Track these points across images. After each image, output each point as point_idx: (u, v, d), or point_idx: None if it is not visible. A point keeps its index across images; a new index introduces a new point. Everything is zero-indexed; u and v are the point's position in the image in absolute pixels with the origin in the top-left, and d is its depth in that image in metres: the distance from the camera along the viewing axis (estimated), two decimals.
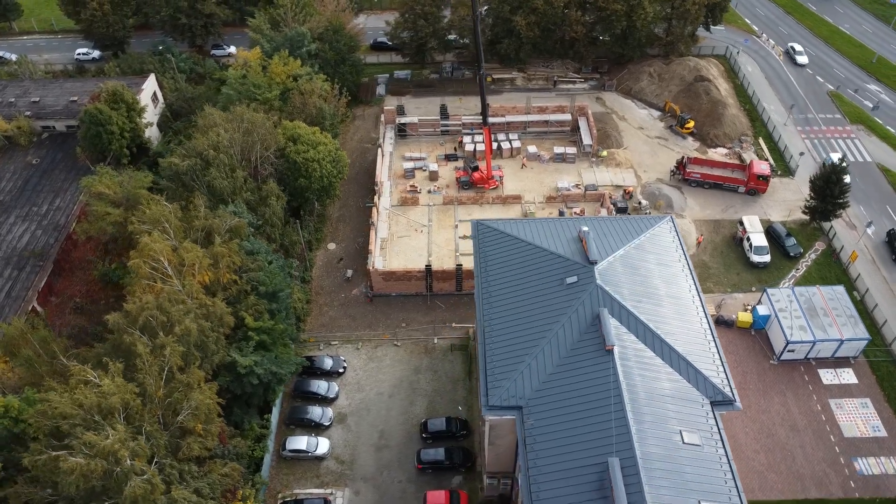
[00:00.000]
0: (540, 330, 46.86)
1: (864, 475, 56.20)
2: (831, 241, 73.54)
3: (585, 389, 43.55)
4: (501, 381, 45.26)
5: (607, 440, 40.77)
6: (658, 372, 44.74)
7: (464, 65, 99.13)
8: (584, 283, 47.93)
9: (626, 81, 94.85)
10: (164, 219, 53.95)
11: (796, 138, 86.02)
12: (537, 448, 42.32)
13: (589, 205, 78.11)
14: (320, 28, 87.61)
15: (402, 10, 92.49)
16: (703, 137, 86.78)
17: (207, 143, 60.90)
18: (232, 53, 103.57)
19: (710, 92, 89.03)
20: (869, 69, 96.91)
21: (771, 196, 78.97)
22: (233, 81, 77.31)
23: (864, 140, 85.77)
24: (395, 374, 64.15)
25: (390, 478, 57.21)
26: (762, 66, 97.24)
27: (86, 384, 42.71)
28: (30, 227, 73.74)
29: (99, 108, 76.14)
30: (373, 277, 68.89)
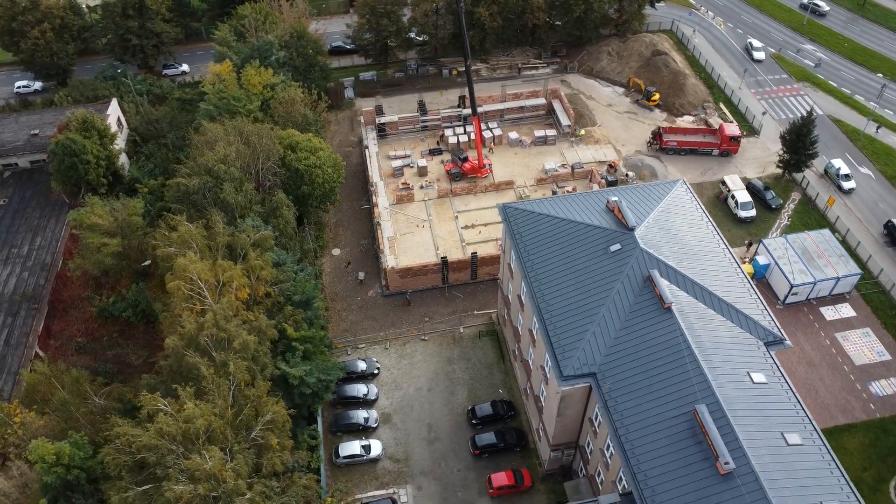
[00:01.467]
0: (596, 298, 48.51)
1: (880, 396, 61.03)
2: (805, 190, 79.03)
3: (654, 346, 45.52)
4: (571, 352, 46.61)
5: (688, 390, 42.84)
6: (713, 321, 47.29)
7: (427, 61, 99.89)
8: (628, 249, 49.92)
9: (586, 62, 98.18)
10: (192, 239, 52.26)
11: (752, 100, 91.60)
12: (621, 408, 43.96)
13: (578, 182, 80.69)
14: (285, 36, 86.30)
15: (362, 11, 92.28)
16: (668, 108, 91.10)
17: (215, 158, 59.22)
18: (185, 71, 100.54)
19: (668, 64, 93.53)
20: (801, 31, 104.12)
21: (742, 155, 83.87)
22: (211, 97, 75.19)
23: (812, 96, 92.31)
24: (429, 368, 64.44)
25: (448, 468, 57.60)
26: (707, 37, 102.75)
27: (158, 413, 41.12)
28: (14, 269, 69.54)
29: (71, 137, 72.56)
30: (389, 276, 68.84)
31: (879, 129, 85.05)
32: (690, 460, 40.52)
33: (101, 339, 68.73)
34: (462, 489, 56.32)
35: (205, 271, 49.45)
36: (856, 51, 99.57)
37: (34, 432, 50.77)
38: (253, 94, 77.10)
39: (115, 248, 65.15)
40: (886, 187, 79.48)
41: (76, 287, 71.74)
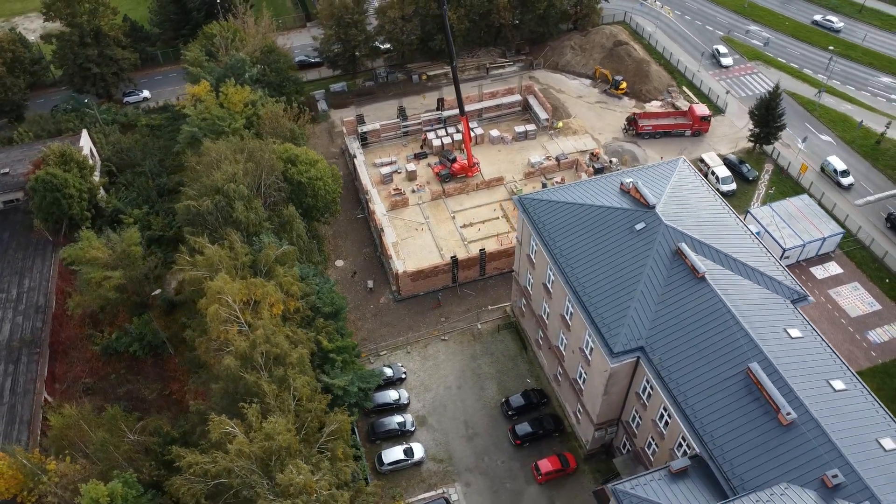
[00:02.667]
0: (631, 276, 50.19)
1: (878, 343, 65.23)
2: (777, 161, 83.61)
3: (695, 315, 47.49)
4: (617, 329, 48.09)
5: (737, 351, 44.93)
6: (743, 286, 49.69)
7: (395, 68, 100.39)
8: (652, 226, 51.85)
9: (551, 58, 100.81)
10: (220, 261, 51.16)
11: (712, 81, 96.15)
12: (675, 377, 45.69)
13: (565, 173, 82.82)
14: (256, 52, 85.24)
15: (328, 23, 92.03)
16: (636, 95, 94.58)
17: (224, 177, 58.08)
18: (147, 98, 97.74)
19: (631, 53, 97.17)
20: (744, 13, 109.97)
21: (712, 134, 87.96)
22: (194, 118, 73.52)
23: (765, 73, 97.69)
24: (454, 367, 64.88)
25: (492, 461, 58.19)
26: (659, 25, 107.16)
27: (228, 436, 40.17)
28: (6, 315, 66.16)
29: (51, 172, 69.68)
30: (401, 280, 68.93)
31: (821, 94, 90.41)
32: (752, 416, 42.55)
33: (109, 377, 66.15)
34: (509, 480, 57.03)
35: (240, 291, 48.51)
36: (797, 28, 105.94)
37: (71, 478, 48.58)
38: (235, 113, 75.85)
39: (118, 281, 63.04)
40: (847, 150, 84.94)
41: (73, 327, 68.76)
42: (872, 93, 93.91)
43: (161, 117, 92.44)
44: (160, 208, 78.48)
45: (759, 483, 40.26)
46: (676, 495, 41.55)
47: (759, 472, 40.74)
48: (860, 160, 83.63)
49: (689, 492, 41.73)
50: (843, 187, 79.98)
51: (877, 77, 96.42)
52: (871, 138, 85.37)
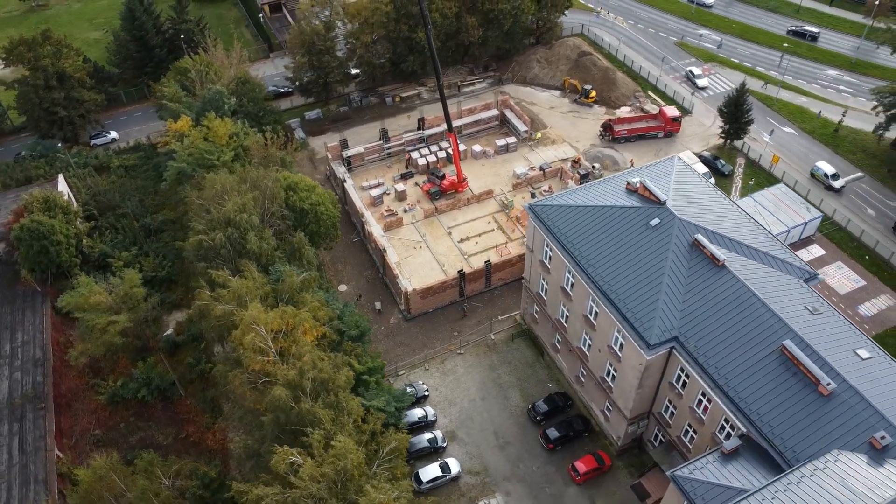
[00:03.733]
0: (654, 270, 51.82)
1: (870, 316, 68.99)
2: (747, 154, 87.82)
3: (721, 300, 49.38)
4: (650, 322, 49.49)
5: (768, 331, 46.92)
6: (759, 269, 51.99)
7: (367, 92, 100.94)
8: (667, 221, 53.79)
9: (519, 72, 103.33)
10: (246, 292, 50.25)
11: (674, 84, 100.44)
12: (713, 362, 47.30)
13: (551, 181, 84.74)
14: (231, 83, 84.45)
15: (300, 51, 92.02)
16: (606, 102, 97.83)
17: (234, 208, 57.17)
18: (115, 139, 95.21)
19: (596, 63, 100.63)
20: (692, 18, 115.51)
21: (683, 133, 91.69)
22: (181, 153, 72.07)
23: (722, 73, 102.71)
24: (475, 379, 65.13)
25: (527, 468, 58.53)
26: (616, 35, 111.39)
27: (293, 465, 39.35)
28: (2, 372, 62.80)
29: (37, 220, 67.27)
30: (411, 299, 68.95)
31: (766, 86, 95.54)
32: (793, 391, 44.43)
33: (118, 426, 63.71)
34: (548, 484, 57.45)
35: (274, 320, 47.76)
36: (744, 30, 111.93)
37: None
38: (222, 145, 74.80)
39: (123, 325, 61.03)
40: (809, 140, 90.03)
41: (72, 378, 65.97)
42: (822, 85, 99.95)
43: (134, 157, 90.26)
44: (149, 249, 76.49)
45: (811, 453, 42.00)
46: (734, 474, 42.88)
47: (809, 442, 42.52)
48: (823, 148, 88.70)
49: (745, 469, 43.13)
50: (835, 190, 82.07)
51: (824, 70, 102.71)
52: (830, 127, 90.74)
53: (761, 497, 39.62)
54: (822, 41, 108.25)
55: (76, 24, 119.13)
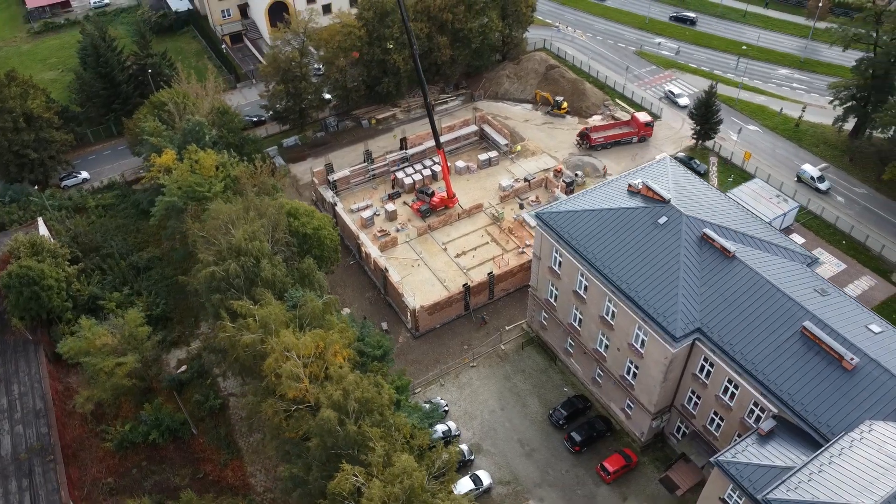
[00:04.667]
0: (669, 266, 53.52)
1: (854, 297, 72.01)
2: (719, 153, 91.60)
3: (737, 290, 51.43)
4: (673, 316, 51.00)
5: (786, 314, 49.13)
6: (766, 257, 54.34)
7: (342, 115, 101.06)
8: (674, 219, 55.73)
9: (490, 88, 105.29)
10: (273, 320, 49.51)
11: (640, 91, 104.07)
12: (738, 348, 49.06)
13: (537, 191, 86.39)
14: (210, 114, 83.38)
15: (275, 78, 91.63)
16: (577, 112, 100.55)
17: (244, 236, 56.31)
18: (86, 179, 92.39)
19: (564, 75, 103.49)
20: (646, 28, 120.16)
21: (656, 137, 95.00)
22: (171, 187, 70.55)
23: (683, 78, 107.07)
24: (491, 390, 65.46)
25: (557, 472, 59.05)
26: (578, 48, 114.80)
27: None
28: (3, 427, 59.73)
29: (26, 265, 64.74)
30: (419, 316, 68.98)
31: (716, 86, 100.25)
32: (818, 368, 46.49)
33: (130, 473, 61.47)
34: (578, 486, 58.08)
35: (306, 345, 47.20)
36: (696, 36, 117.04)
37: None
38: (211, 177, 73.68)
39: (131, 366, 59.21)
40: (774, 135, 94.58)
41: (76, 427, 63.33)
42: (777, 84, 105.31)
43: (110, 196, 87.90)
44: (140, 287, 74.40)
45: (844, 426, 43.96)
46: (774, 454, 44.43)
47: (841, 416, 44.50)
48: (786, 143, 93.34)
49: (784, 448, 44.75)
50: (821, 192, 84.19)
51: (776, 70, 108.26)
52: (791, 123, 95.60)
53: (808, 472, 41.23)
54: (767, 41, 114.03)
55: (28, 65, 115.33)
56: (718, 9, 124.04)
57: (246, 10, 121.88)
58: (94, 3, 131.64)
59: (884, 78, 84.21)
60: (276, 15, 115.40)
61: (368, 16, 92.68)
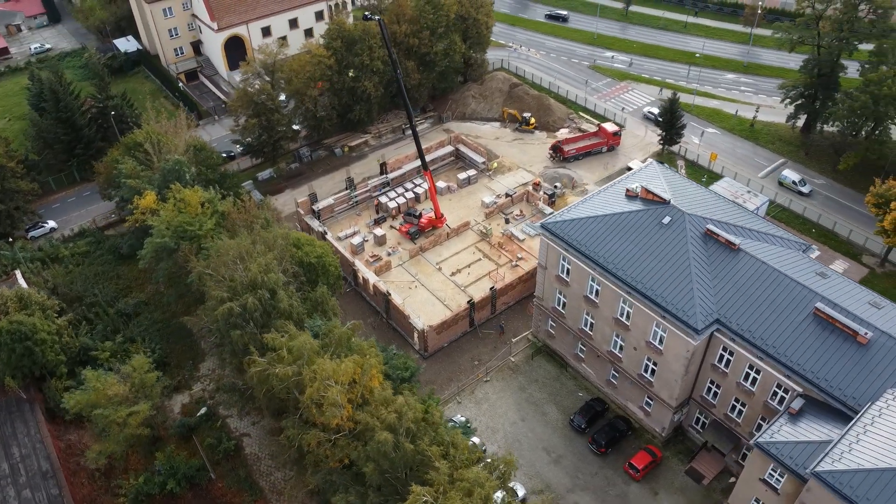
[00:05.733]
0: (680, 262, 55.74)
1: None
2: (685, 156, 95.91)
3: (747, 279, 54.04)
4: (692, 311, 53.01)
5: (797, 298, 51.97)
6: (766, 247, 57.27)
7: (314, 145, 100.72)
8: (677, 218, 58.20)
9: (457, 109, 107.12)
10: (306, 349, 48.84)
11: (600, 103, 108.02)
12: (758, 334, 51.42)
13: (520, 205, 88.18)
14: (188, 152, 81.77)
15: (246, 112, 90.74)
16: (545, 127, 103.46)
17: (258, 269, 55.41)
18: (54, 228, 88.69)
19: (528, 92, 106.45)
20: (595, 43, 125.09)
21: (623, 146, 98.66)
22: (161, 228, 68.67)
23: (637, 89, 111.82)
24: (509, 402, 66.03)
25: (587, 475, 59.95)
26: (535, 66, 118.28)
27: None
28: (7, 494, 56.31)
29: (17, 320, 61.73)
30: (429, 337, 69.08)
31: (662, 91, 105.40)
32: (835, 345, 49.25)
33: None
34: (610, 487, 59.10)
35: (347, 371, 46.78)
36: (644, 48, 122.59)
37: None
38: (199, 214, 72.21)
39: (145, 414, 57.04)
40: (732, 136, 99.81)
41: (84, 485, 60.23)
42: (727, 88, 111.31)
43: (83, 243, 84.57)
44: (133, 334, 71.77)
45: (869, 396, 46.65)
46: (807, 430, 46.66)
47: (864, 387, 47.20)
48: (744, 142, 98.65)
49: (815, 424, 47.05)
50: (804, 195, 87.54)
51: (724, 75, 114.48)
52: (746, 123, 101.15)
53: (847, 443, 43.52)
54: (712, 49, 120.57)
55: None
56: (660, 21, 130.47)
57: (199, 47, 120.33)
58: (34, 49, 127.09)
59: (829, 76, 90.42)
60: (232, 51, 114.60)
61: (337, 45, 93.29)
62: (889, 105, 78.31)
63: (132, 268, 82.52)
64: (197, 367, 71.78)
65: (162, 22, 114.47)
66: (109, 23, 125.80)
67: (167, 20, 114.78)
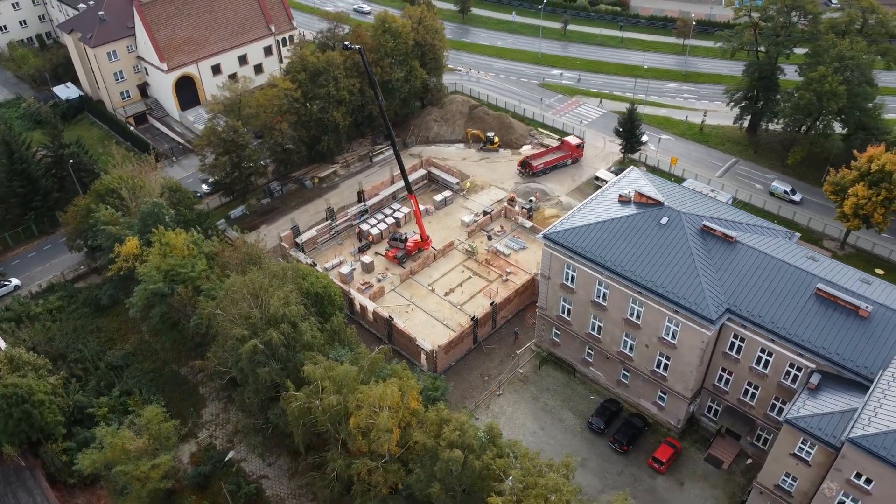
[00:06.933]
0: (683, 258, 58.58)
1: None
2: (646, 163, 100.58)
3: (748, 268, 57.31)
4: (703, 303, 55.71)
5: (798, 281, 55.48)
6: (759, 238, 60.88)
7: (283, 179, 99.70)
8: (673, 218, 61.25)
9: (420, 134, 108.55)
10: (346, 378, 48.41)
11: (556, 118, 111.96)
12: (768, 318, 54.51)
13: (499, 221, 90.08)
14: (164, 193, 79.62)
15: (216, 150, 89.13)
16: (508, 145, 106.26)
17: (278, 303, 54.50)
18: (18, 286, 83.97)
19: (488, 112, 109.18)
20: (540, 62, 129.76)
21: (586, 157, 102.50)
22: (152, 274, 66.43)
23: (588, 103, 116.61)
24: (525, 413, 66.97)
25: (614, 474, 61.44)
26: (487, 88, 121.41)
27: None
28: None
29: (12, 382, 58.37)
30: (437, 357, 69.32)
31: (602, 102, 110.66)
32: (839, 321, 52.83)
33: None
34: (638, 483, 60.77)
35: (392, 396, 46.69)
36: (588, 64, 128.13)
37: None
38: (188, 256, 70.34)
39: (167, 466, 54.85)
40: (685, 141, 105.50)
41: None
42: (671, 97, 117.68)
43: (55, 298, 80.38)
44: (129, 386, 68.71)
45: (879, 364, 50.25)
46: (830, 402, 49.72)
47: (873, 356, 50.78)
48: (697, 145, 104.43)
49: (835, 395, 50.22)
50: (796, 203, 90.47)
51: (665, 85, 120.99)
52: (695, 128, 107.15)
53: (872, 408, 46.74)
54: (651, 61, 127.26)
55: None
56: (598, 38, 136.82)
57: (146, 89, 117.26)
58: None
59: (769, 78, 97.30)
60: (182, 91, 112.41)
61: (301, 77, 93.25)
62: (831, 101, 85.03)
63: (111, 319, 79.33)
64: (199, 413, 69.32)
65: (107, 66, 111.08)
66: (46, 70, 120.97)
67: (112, 64, 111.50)
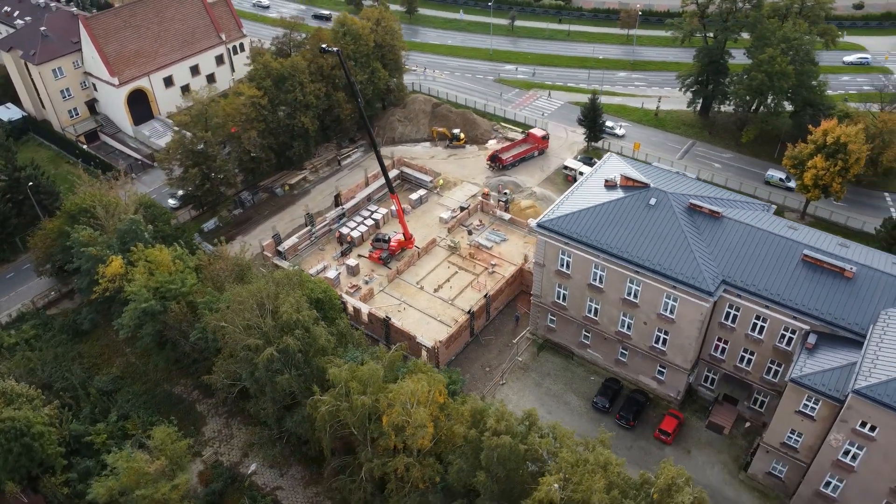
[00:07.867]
0: (675, 236, 61.15)
1: None
2: (609, 150, 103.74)
3: (736, 241, 60.39)
4: (700, 276, 58.36)
5: (784, 249, 58.80)
6: (742, 212, 64.07)
7: (254, 188, 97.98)
8: (661, 198, 63.83)
9: (385, 135, 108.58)
10: (372, 378, 48.50)
11: (518, 112, 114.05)
12: (762, 285, 57.56)
13: (477, 216, 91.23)
14: (140, 210, 77.25)
15: (184, 162, 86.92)
16: (474, 140, 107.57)
17: (290, 309, 53.92)
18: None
19: (451, 110, 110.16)
20: (492, 58, 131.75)
21: (552, 148, 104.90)
22: (142, 292, 64.52)
23: (544, 95, 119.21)
24: (531, 399, 68.32)
25: (624, 449, 63.39)
26: (445, 86, 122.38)
27: None
28: None
29: (9, 416, 55.77)
30: (439, 352, 69.88)
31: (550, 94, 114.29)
32: (827, 283, 56.31)
33: None
34: (648, 455, 63.01)
35: (423, 391, 47.14)
36: (540, 58, 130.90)
37: None
38: (176, 272, 68.65)
39: (186, 486, 53.60)
40: (643, 127, 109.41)
41: None
42: (623, 85, 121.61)
43: (28, 327, 76.77)
44: (125, 410, 66.52)
45: (868, 320, 53.87)
46: (828, 359, 53.01)
47: (863, 313, 54.37)
48: (654, 130, 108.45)
49: (832, 352, 53.59)
50: (791, 190, 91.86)
51: (616, 74, 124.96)
52: (651, 114, 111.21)
53: (870, 360, 50.15)
54: (601, 52, 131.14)
55: None
56: (545, 32, 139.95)
57: (95, 105, 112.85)
58: None
59: (718, 63, 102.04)
60: (134, 105, 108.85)
61: (267, 84, 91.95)
62: (781, 80, 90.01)
63: (92, 344, 76.52)
64: (200, 431, 67.72)
65: (52, 84, 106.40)
66: None
67: (58, 81, 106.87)
